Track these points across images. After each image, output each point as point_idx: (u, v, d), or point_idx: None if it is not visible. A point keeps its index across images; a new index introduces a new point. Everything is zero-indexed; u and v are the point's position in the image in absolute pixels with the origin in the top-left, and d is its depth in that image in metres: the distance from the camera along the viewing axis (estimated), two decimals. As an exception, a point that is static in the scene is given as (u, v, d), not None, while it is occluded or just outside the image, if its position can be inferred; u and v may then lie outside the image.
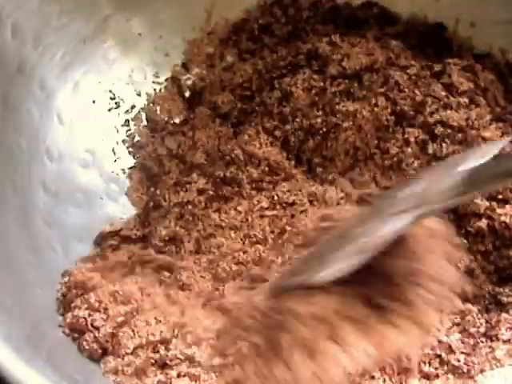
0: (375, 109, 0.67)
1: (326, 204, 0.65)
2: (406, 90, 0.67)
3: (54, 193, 0.66)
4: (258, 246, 0.63)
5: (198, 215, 0.65)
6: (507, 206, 0.62)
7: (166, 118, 0.74)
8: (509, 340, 0.56)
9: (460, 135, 0.65)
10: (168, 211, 0.66)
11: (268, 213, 0.65)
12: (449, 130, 0.65)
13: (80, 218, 0.66)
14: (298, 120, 0.68)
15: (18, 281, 0.56)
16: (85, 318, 0.56)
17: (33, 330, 0.53)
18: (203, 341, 0.55)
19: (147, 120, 0.74)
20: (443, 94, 0.67)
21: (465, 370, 0.55)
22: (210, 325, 0.56)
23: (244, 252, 0.62)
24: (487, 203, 0.62)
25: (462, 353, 0.56)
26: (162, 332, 0.55)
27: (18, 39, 0.64)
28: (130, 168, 0.72)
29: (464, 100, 0.67)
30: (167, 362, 0.54)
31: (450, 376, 0.55)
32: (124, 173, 0.71)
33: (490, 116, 0.66)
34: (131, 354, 0.55)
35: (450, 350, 0.56)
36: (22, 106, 0.64)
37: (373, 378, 0.54)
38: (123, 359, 0.54)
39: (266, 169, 0.67)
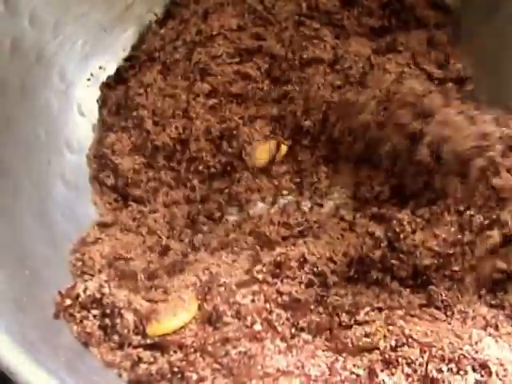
0: None
1: None
2: None
3: (73, 186, 0.64)
4: None
5: None
6: None
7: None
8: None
9: None
10: None
11: None
12: None
13: (99, 212, 0.65)
14: None
15: (33, 277, 0.53)
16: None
17: (49, 329, 0.51)
18: None
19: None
20: None
21: None
22: None
23: None
24: None
25: None
26: None
27: (37, 28, 0.62)
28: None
29: None
30: None
31: None
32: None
33: None
34: None
35: None
36: (40, 96, 0.63)
37: None
38: None
39: None
